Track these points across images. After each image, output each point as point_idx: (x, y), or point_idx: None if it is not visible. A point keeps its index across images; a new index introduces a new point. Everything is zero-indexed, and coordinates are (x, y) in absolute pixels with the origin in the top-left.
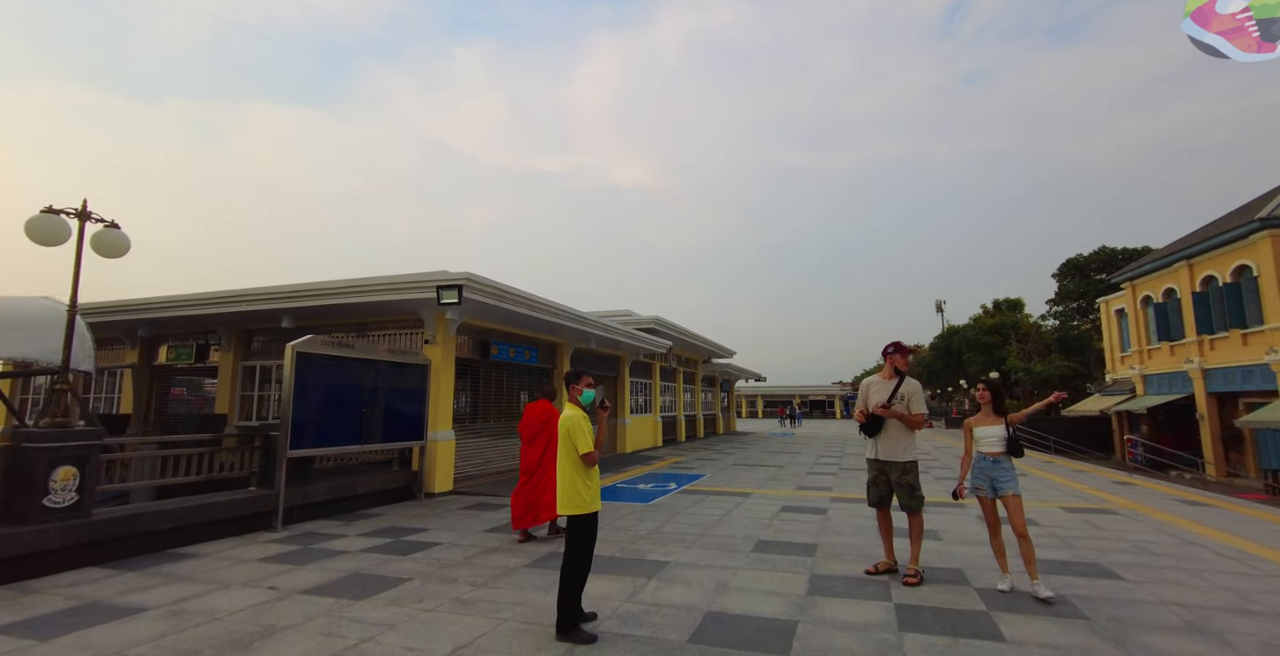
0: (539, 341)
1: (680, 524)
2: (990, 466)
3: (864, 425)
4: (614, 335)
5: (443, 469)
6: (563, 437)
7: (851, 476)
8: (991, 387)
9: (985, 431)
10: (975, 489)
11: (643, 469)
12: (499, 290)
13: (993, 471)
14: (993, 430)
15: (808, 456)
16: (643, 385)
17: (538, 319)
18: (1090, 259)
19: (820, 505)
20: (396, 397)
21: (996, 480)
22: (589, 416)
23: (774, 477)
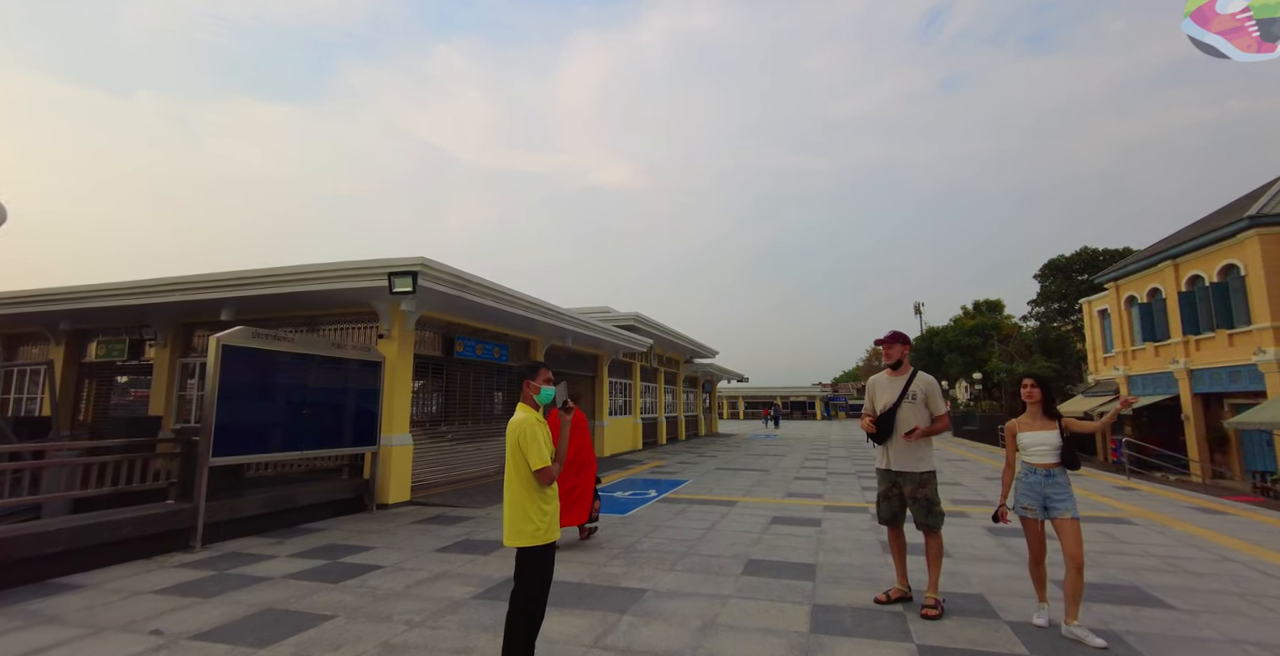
0: (510, 338)
1: (660, 539)
2: (1042, 482)
3: (878, 429)
4: (591, 332)
5: (398, 477)
6: (510, 449)
7: (841, 482)
8: (1041, 384)
9: (1034, 438)
10: (1022, 509)
11: (621, 474)
12: (460, 279)
13: (1046, 487)
14: (1043, 437)
15: (793, 460)
16: (622, 385)
17: (507, 313)
18: (1072, 260)
19: (813, 515)
20: (344, 397)
21: (1050, 498)
22: (563, 420)
23: (760, 483)
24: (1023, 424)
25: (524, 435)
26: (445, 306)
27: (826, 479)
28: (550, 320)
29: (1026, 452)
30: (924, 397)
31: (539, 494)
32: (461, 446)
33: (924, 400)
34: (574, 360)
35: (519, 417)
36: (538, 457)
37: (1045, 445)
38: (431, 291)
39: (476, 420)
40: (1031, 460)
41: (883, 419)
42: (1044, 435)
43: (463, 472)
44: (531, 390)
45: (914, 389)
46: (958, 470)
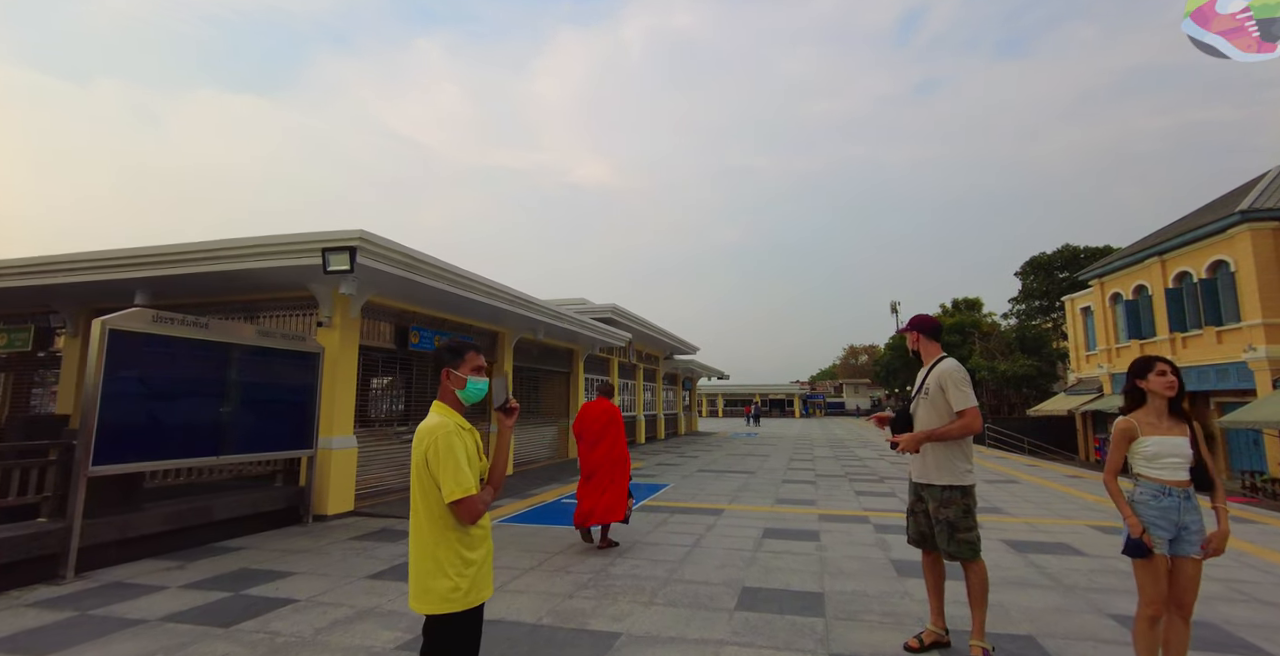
0: (475, 329)
1: (638, 560)
2: (1178, 506)
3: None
4: (565, 324)
5: (340, 484)
6: (416, 469)
7: (833, 486)
8: (1177, 372)
9: (1167, 445)
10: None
11: None
12: (409, 258)
13: (1183, 514)
14: (1177, 444)
15: (778, 460)
16: (598, 382)
17: (468, 300)
18: (1054, 257)
19: (808, 526)
20: (273, 394)
21: (1186, 529)
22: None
23: (746, 488)
24: (1147, 424)
25: (435, 449)
26: (397, 292)
27: (817, 483)
28: (518, 310)
29: (1154, 465)
30: (945, 390)
31: (459, 536)
32: None
33: (945, 394)
34: (547, 355)
35: (431, 423)
36: (455, 483)
37: (1180, 456)
38: (375, 273)
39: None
40: (1161, 476)
41: (898, 420)
42: (1177, 442)
43: None
44: (454, 382)
45: (928, 382)
46: None
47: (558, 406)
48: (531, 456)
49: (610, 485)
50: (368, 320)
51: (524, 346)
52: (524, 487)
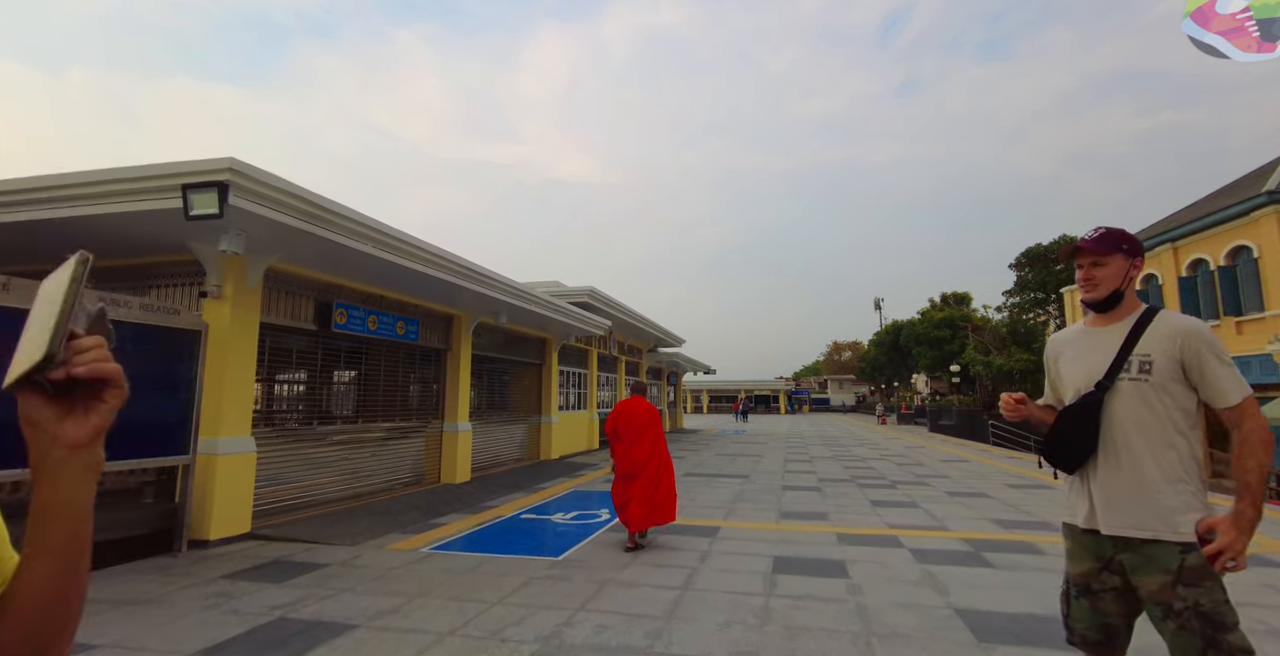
0: (421, 310)
1: (607, 614)
2: None
3: (1052, 442)
4: (533, 306)
5: (230, 500)
6: None
7: (841, 493)
8: None
9: None
10: None
11: (566, 484)
12: (310, 205)
13: None
14: None
15: (773, 461)
16: (576, 376)
17: (407, 272)
18: (1050, 248)
19: (828, 552)
20: (130, 383)
21: None
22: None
23: (742, 497)
24: None
25: None
26: (312, 256)
27: (821, 489)
28: (474, 286)
29: None
30: (1174, 368)
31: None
32: (350, 452)
33: (1178, 374)
34: (514, 343)
35: None
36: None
37: None
38: (266, 224)
39: (372, 416)
40: None
41: (1070, 416)
42: None
43: (350, 487)
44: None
45: (1144, 350)
46: (968, 473)
47: (528, 402)
48: (495, 458)
49: (659, 487)
50: (275, 292)
51: (486, 333)
52: (478, 498)
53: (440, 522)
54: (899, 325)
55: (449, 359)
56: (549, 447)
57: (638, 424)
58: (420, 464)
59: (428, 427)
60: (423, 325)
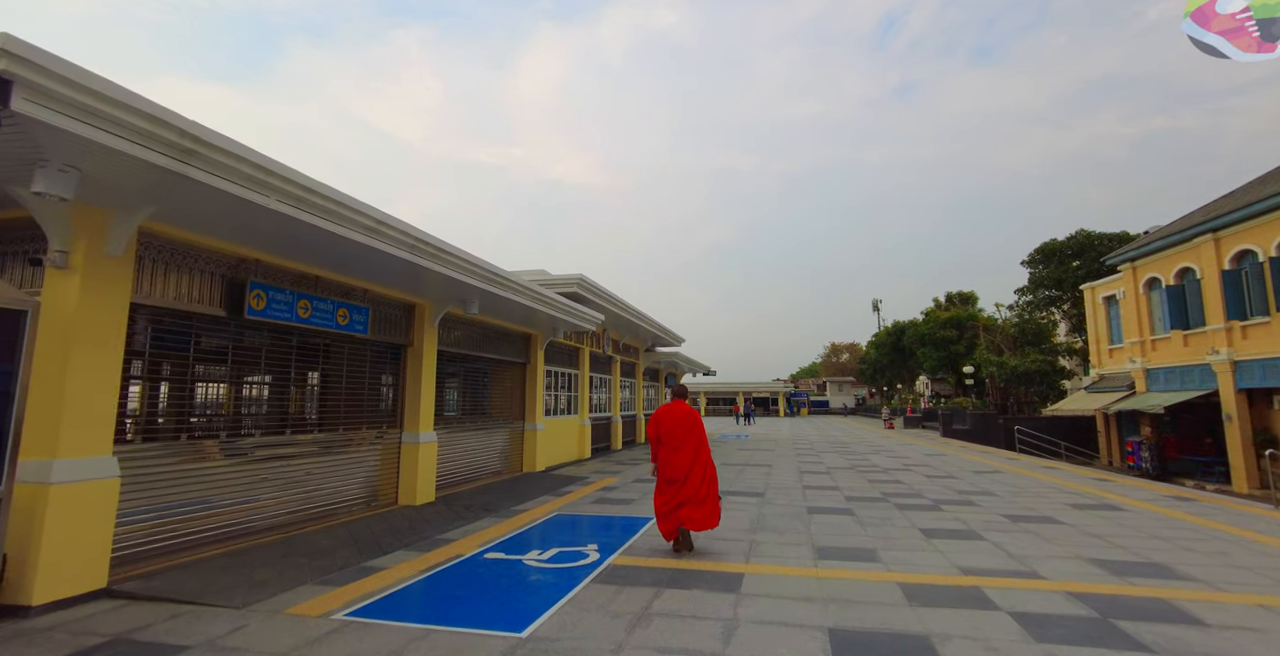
0: (372, 296)
1: None
2: None
3: None
4: (512, 294)
5: (69, 545)
6: None
7: (879, 516)
8: None
9: None
10: None
11: (551, 504)
12: (173, 130)
13: None
14: None
15: (786, 473)
16: (565, 377)
17: (340, 240)
18: (1066, 244)
19: (901, 621)
20: None
21: None
22: None
23: (762, 523)
24: None
25: None
26: (208, 218)
27: (854, 512)
28: (435, 266)
29: None
30: None
31: None
32: (274, 471)
33: None
34: (493, 339)
35: None
36: None
37: None
38: (112, 159)
39: (306, 425)
40: None
41: None
42: None
43: (273, 516)
44: None
45: None
46: (1013, 489)
47: (509, 406)
48: (470, 471)
49: (707, 493)
50: (156, 264)
51: (456, 326)
52: (437, 526)
53: (377, 566)
54: (901, 326)
55: (409, 356)
56: (533, 458)
57: (680, 429)
58: (374, 482)
59: (382, 438)
60: (374, 315)
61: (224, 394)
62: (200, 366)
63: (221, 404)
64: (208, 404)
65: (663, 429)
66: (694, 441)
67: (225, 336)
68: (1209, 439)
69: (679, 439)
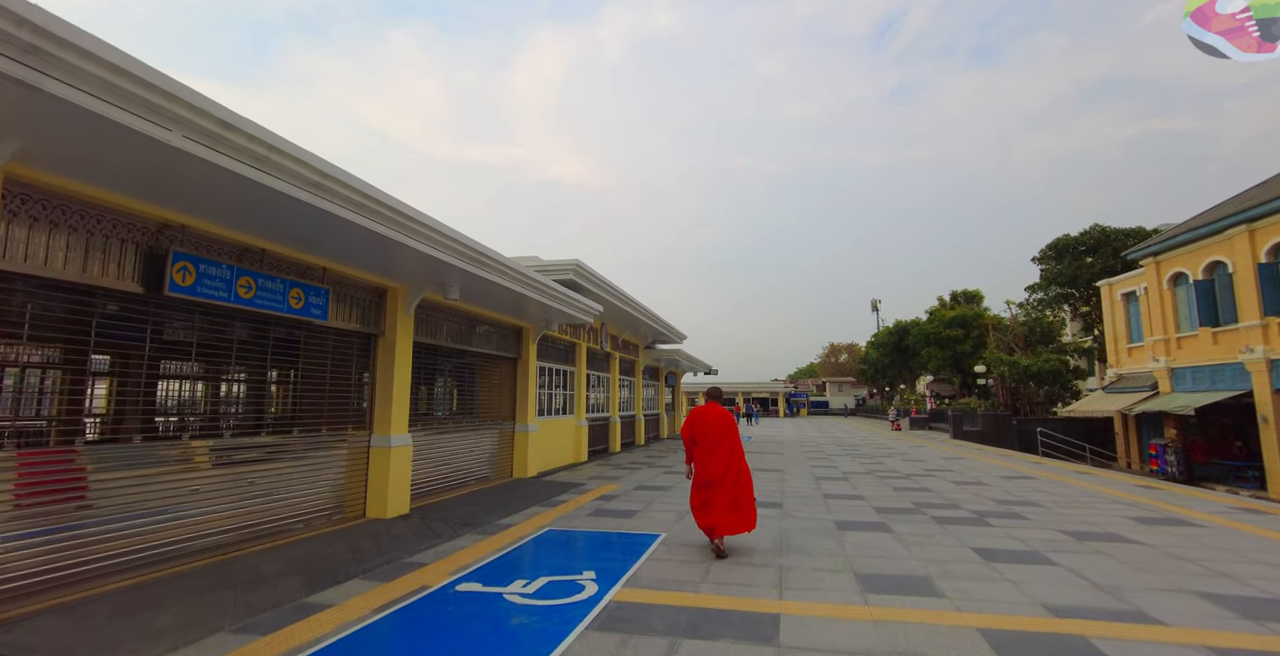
0: (333, 276)
1: None
2: None
3: None
4: (498, 276)
5: None
6: None
7: (921, 533)
8: None
9: None
10: None
11: (542, 517)
12: (8, 20)
13: None
14: None
15: (801, 479)
16: (560, 374)
17: (282, 200)
18: (1080, 240)
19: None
20: None
21: None
22: None
23: (789, 542)
24: None
25: None
26: (110, 166)
27: (889, 526)
28: (403, 237)
29: None
30: None
31: None
32: (209, 481)
33: None
34: (479, 331)
35: None
36: None
37: None
38: None
39: (249, 426)
40: None
41: None
42: None
43: (206, 535)
44: None
45: None
46: (1057, 498)
47: (499, 404)
48: (452, 478)
49: (742, 495)
50: (35, 223)
51: (436, 315)
52: (406, 545)
53: (321, 603)
54: (904, 325)
55: (379, 348)
56: (524, 463)
57: (715, 431)
58: (338, 492)
59: (347, 442)
60: (335, 297)
61: (141, 388)
62: (105, 355)
63: (138, 400)
64: (123, 400)
65: (698, 430)
66: (729, 443)
67: (143, 319)
68: (1239, 442)
69: (714, 440)
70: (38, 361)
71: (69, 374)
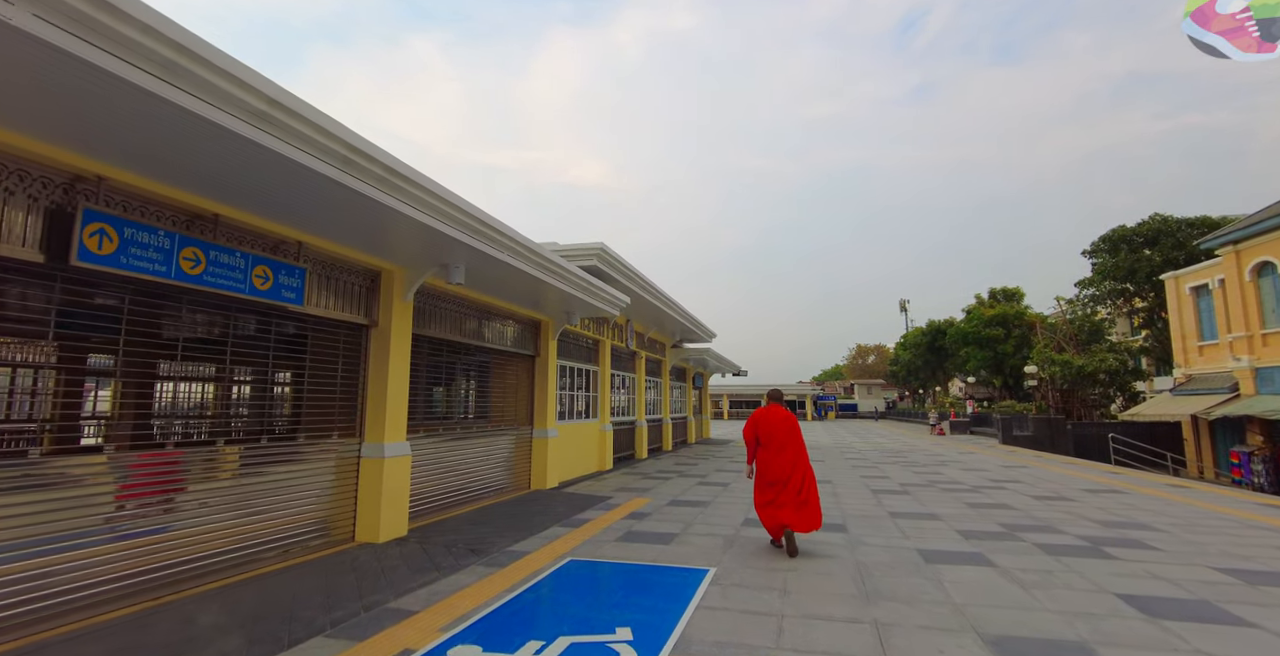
0: (311, 253)
1: None
2: None
3: None
4: (517, 259)
5: None
6: None
7: (1031, 563)
8: None
9: None
10: None
11: (562, 541)
12: None
13: None
14: None
15: (851, 488)
16: (583, 374)
17: (220, 134)
18: (1137, 231)
19: None
20: None
21: None
22: None
23: (870, 580)
24: None
25: None
26: None
27: (990, 558)
28: (397, 202)
29: None
30: None
31: None
32: (144, 502)
33: None
34: (491, 324)
35: None
36: None
37: None
38: None
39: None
40: None
41: None
42: None
43: (123, 577)
44: None
45: None
46: (1172, 519)
47: (515, 407)
48: (461, 491)
49: (808, 494)
50: None
51: (441, 305)
52: (392, 584)
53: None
54: (938, 326)
55: (372, 341)
56: (544, 472)
57: (781, 432)
58: (322, 512)
59: (333, 452)
60: (316, 279)
61: (51, 386)
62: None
63: (60, 401)
64: (32, 401)
65: (762, 431)
66: (795, 444)
67: (45, 296)
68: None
69: (780, 442)
70: None
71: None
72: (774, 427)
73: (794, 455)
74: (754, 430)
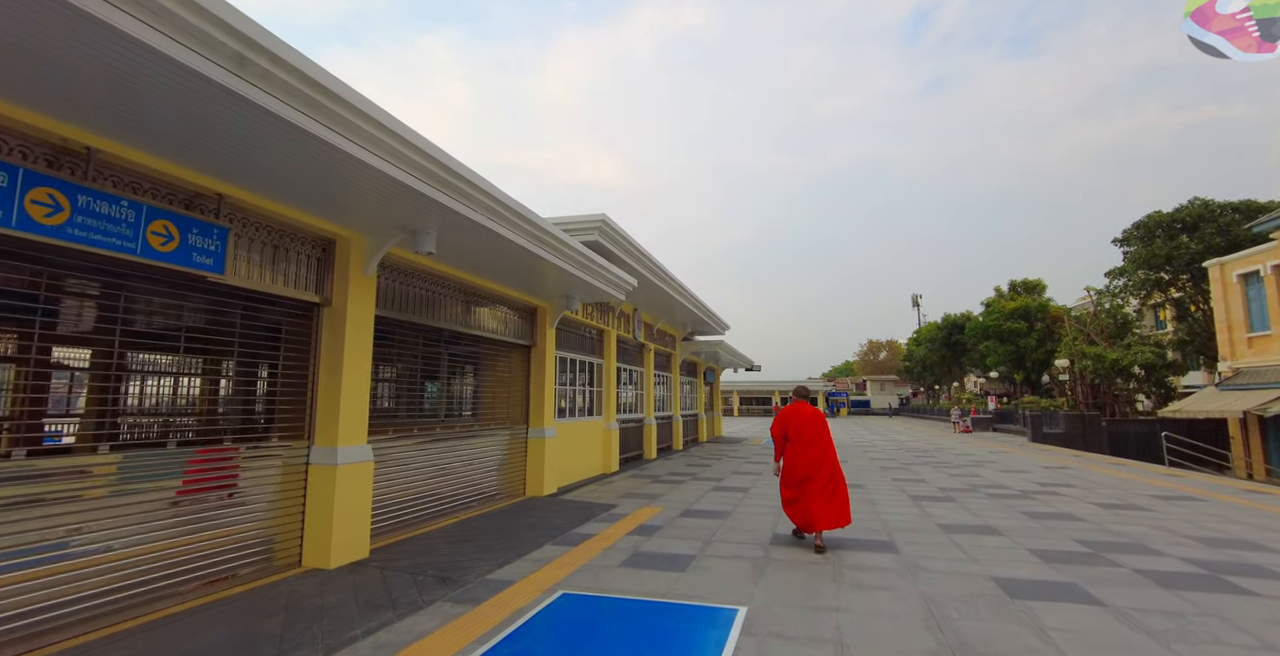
0: (235, 210)
1: None
2: None
3: None
4: (502, 224)
5: None
6: None
7: (1136, 592)
8: None
9: None
10: None
11: (555, 565)
12: None
13: None
14: None
15: (887, 494)
16: (585, 367)
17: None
18: (1175, 216)
19: None
20: None
21: None
22: None
23: (951, 624)
24: None
25: None
26: None
27: (1092, 594)
28: (337, 136)
29: None
30: None
31: None
32: (15, 521)
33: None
34: (477, 307)
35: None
36: None
37: None
38: None
39: (104, 429)
40: None
41: None
42: None
43: None
44: None
45: None
46: (1270, 532)
47: (508, 403)
48: (442, 501)
49: (837, 488)
50: None
51: (412, 282)
52: (331, 630)
53: None
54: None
55: (324, 323)
56: (540, 477)
57: (810, 429)
58: (264, 531)
59: (278, 457)
60: (241, 243)
61: None
62: None
63: None
64: None
65: (791, 428)
66: (823, 440)
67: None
68: None
69: (809, 438)
70: None
71: None
72: (804, 424)
73: (822, 451)
74: (783, 427)
